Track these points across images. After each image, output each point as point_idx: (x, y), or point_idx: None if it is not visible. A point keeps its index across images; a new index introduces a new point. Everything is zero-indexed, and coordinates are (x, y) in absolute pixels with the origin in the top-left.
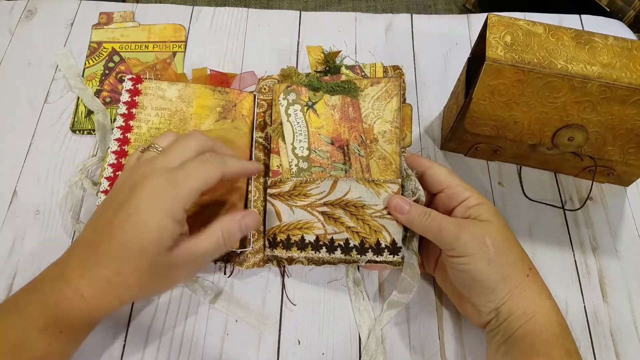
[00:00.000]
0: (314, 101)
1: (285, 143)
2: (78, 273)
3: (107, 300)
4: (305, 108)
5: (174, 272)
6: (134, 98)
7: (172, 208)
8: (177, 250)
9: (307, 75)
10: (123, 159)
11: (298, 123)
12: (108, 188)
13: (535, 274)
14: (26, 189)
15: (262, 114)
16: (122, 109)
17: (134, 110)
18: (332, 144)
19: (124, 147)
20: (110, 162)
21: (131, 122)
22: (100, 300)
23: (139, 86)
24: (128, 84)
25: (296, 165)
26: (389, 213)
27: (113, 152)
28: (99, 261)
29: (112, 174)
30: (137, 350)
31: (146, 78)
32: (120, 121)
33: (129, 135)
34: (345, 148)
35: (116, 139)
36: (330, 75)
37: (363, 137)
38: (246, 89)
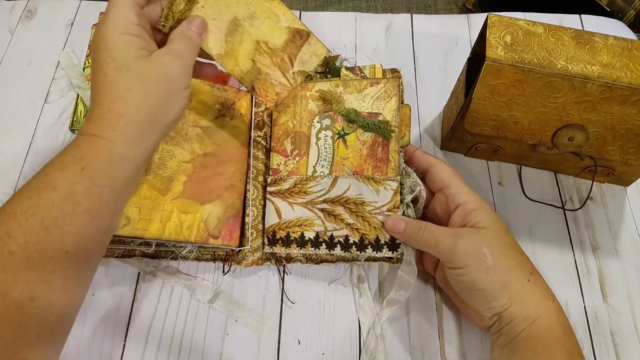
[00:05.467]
0: (346, 132)
1: (308, 164)
2: (85, 124)
3: (116, 127)
4: (337, 136)
5: (165, 73)
6: None
7: (119, 26)
8: (154, 55)
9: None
10: None
11: (326, 149)
12: None
13: (537, 277)
14: None
15: (261, 114)
16: None
17: None
18: (353, 175)
19: None
20: None
21: None
22: (111, 131)
23: None
24: None
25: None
26: (387, 230)
27: None
28: (93, 103)
29: None
30: (137, 350)
31: None
32: None
33: None
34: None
35: None
36: (369, 113)
37: (384, 180)
38: (242, 87)
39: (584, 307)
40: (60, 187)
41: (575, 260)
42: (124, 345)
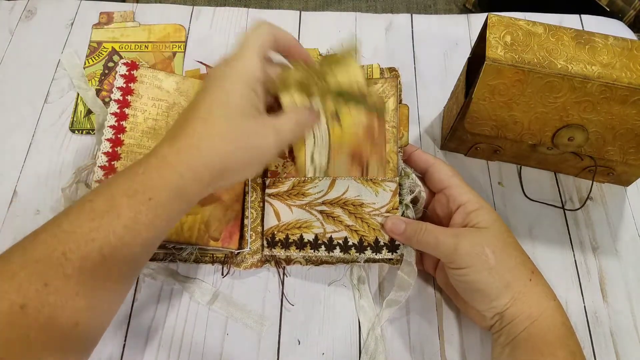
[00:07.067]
0: (339, 114)
1: (305, 149)
2: (166, 145)
3: (193, 166)
4: (330, 117)
5: (260, 141)
6: (129, 85)
7: (244, 77)
8: (261, 119)
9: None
10: (118, 147)
11: (320, 134)
12: (102, 177)
13: (538, 276)
14: (26, 189)
15: None
16: (117, 94)
17: (129, 97)
18: (351, 158)
19: (119, 135)
20: (105, 151)
21: (127, 110)
22: (187, 167)
23: (134, 72)
24: (122, 69)
25: (313, 172)
26: (387, 231)
27: (108, 139)
28: (184, 131)
29: (106, 163)
30: (137, 350)
31: (142, 65)
32: (114, 107)
33: (124, 123)
34: (364, 168)
35: (110, 126)
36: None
37: (384, 163)
38: None
39: (584, 307)
40: (124, 215)
41: (575, 260)
42: (124, 345)
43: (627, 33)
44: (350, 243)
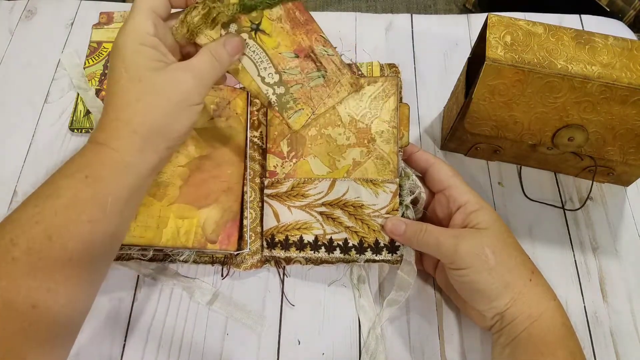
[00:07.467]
0: (256, 22)
1: (251, 76)
2: (96, 131)
3: (121, 136)
4: (253, 33)
5: (177, 87)
6: None
7: (134, 35)
8: (170, 68)
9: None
10: None
11: (254, 52)
12: None
13: (539, 276)
14: (26, 189)
15: (256, 112)
16: None
17: None
18: (297, 56)
19: None
20: None
21: None
22: (116, 139)
23: None
24: None
25: (273, 94)
26: (387, 232)
27: None
28: (105, 112)
29: None
30: (137, 350)
31: None
32: None
33: None
34: (312, 54)
35: None
36: None
37: (324, 36)
38: (238, 85)
39: (584, 307)
40: (63, 195)
41: (575, 260)
42: (124, 345)
43: (627, 33)
44: (350, 244)
